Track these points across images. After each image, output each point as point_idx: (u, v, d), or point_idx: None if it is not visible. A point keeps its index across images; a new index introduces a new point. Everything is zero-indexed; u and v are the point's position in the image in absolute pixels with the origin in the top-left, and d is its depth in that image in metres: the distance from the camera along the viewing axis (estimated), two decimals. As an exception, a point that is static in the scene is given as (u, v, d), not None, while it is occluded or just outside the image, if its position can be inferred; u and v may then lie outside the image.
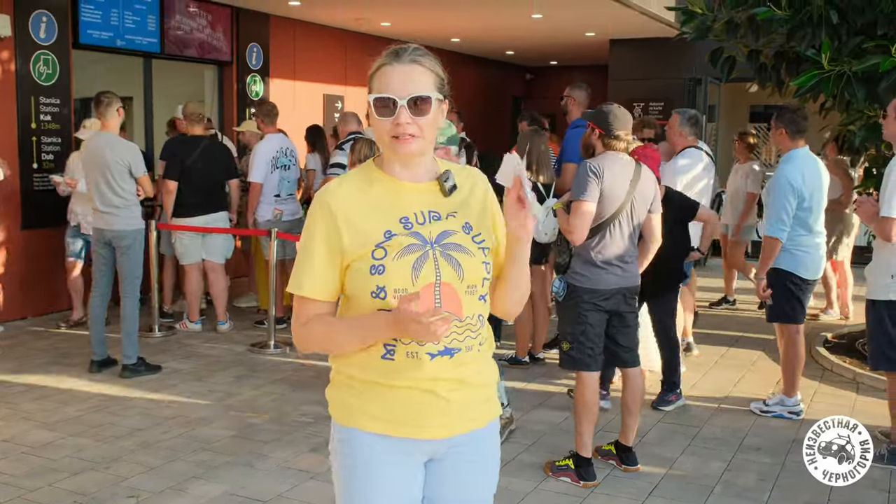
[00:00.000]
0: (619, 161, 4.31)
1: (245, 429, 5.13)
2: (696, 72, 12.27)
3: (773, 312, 5.44)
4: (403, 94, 1.99)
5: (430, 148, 2.11)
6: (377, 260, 2.00)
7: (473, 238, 2.10)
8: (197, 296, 7.64)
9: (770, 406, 5.54)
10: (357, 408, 2.10)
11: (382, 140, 2.05)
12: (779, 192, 5.20)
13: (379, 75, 2.04)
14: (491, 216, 2.19)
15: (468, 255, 2.06)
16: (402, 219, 2.05)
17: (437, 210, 2.09)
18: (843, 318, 8.38)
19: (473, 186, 2.19)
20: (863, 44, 5.85)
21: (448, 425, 2.11)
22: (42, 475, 4.40)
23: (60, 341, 7.22)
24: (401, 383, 2.05)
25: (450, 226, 2.08)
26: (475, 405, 2.15)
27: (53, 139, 8.14)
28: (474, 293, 2.08)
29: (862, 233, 9.07)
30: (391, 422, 2.08)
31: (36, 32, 7.88)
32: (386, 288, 2.00)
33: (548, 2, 9.79)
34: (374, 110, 2.02)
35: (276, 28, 10.90)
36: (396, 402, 2.07)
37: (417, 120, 2.00)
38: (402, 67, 2.02)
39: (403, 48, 2.05)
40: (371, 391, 2.08)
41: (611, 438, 4.76)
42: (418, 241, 2.02)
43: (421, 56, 2.06)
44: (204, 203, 7.39)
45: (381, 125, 2.02)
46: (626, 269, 4.34)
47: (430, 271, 2.01)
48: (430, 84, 2.04)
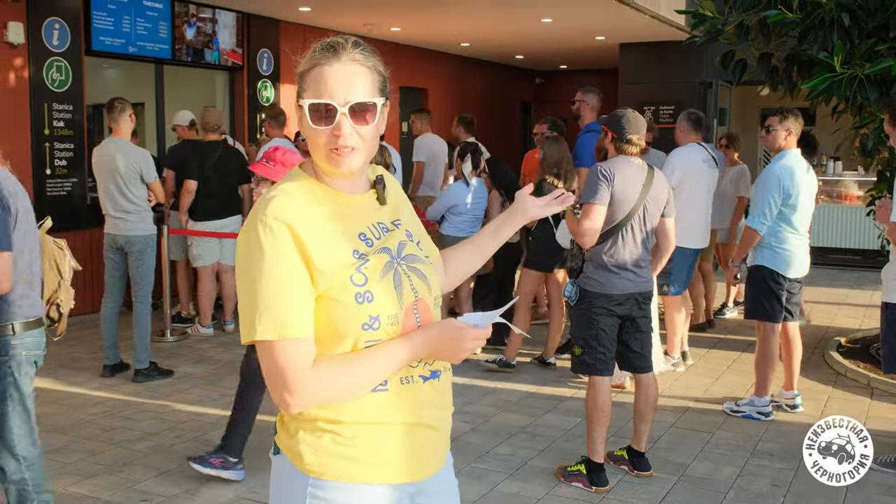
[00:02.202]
0: (632, 165, 4.30)
1: (257, 433, 5.12)
2: (707, 75, 12.25)
3: (751, 309, 5.51)
4: (344, 100, 1.71)
5: (370, 158, 1.82)
6: (359, 286, 1.72)
7: (419, 245, 1.90)
8: (210, 300, 7.67)
9: (740, 406, 5.56)
10: (344, 456, 1.76)
11: (318, 151, 1.75)
12: (765, 187, 5.28)
13: (314, 76, 1.73)
14: (414, 217, 1.99)
15: (425, 264, 1.88)
16: (360, 235, 1.79)
17: (382, 220, 1.85)
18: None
19: (391, 186, 1.94)
20: (875, 46, 5.83)
21: (441, 458, 1.90)
22: (56, 479, 4.41)
23: (72, 346, 7.25)
24: (395, 419, 1.78)
25: (401, 236, 1.86)
26: (450, 433, 1.96)
27: (66, 145, 8.18)
28: (438, 304, 1.90)
29: (875, 236, 9.02)
30: (385, 467, 1.78)
31: (49, 39, 7.93)
32: (380, 317, 1.73)
33: (558, 5, 9.79)
34: (309, 118, 1.73)
35: (286, 34, 10.93)
36: (392, 442, 1.78)
37: (359, 129, 1.73)
38: (341, 68, 1.72)
39: (340, 43, 1.75)
40: (363, 436, 1.76)
41: (623, 444, 4.75)
42: (388, 258, 1.80)
43: (362, 54, 1.76)
44: (220, 207, 7.52)
45: (316, 135, 1.73)
46: (640, 274, 4.33)
47: (409, 290, 1.80)
48: (374, 87, 1.76)
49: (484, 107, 15.33)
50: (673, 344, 6.61)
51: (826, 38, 5.92)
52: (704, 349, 7.24)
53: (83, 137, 8.33)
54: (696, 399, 5.91)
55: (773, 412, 5.50)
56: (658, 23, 10.69)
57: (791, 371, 5.65)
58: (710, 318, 8.14)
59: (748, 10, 6.43)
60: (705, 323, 7.98)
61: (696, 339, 7.34)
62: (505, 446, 4.96)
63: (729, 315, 8.64)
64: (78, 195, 8.31)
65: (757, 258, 5.39)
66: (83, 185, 8.33)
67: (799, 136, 5.43)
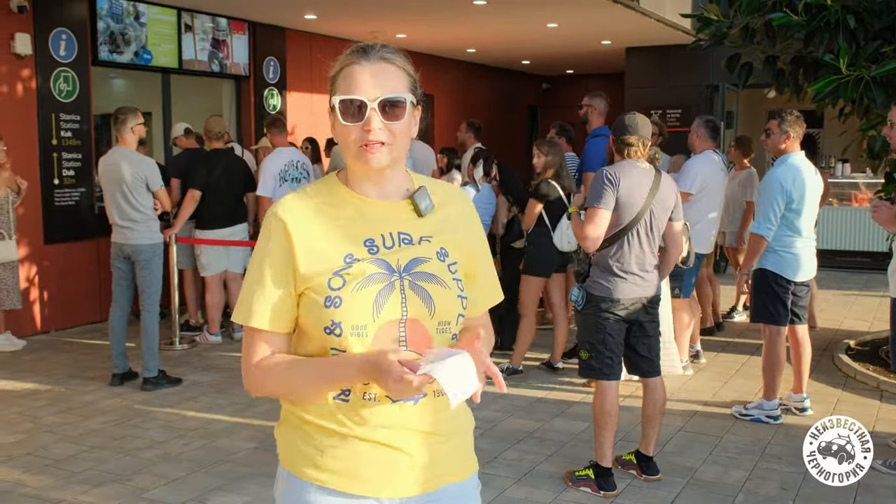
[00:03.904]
0: (637, 169, 4.30)
1: (266, 440, 5.14)
2: (714, 78, 12.23)
3: (757, 312, 5.51)
4: (373, 95, 1.73)
5: (403, 160, 1.83)
6: (333, 290, 1.71)
7: (449, 267, 1.81)
8: (218, 308, 7.70)
9: (749, 410, 5.54)
10: (309, 457, 1.80)
11: (348, 149, 1.77)
12: (768, 192, 5.27)
13: (344, 75, 1.77)
14: (470, 245, 1.89)
15: (442, 286, 1.78)
16: (367, 241, 1.77)
17: (409, 232, 1.81)
18: None
19: (454, 207, 1.90)
20: (881, 48, 5.81)
21: (414, 483, 1.80)
22: (65, 488, 4.43)
23: (82, 355, 7.27)
24: (357, 433, 1.75)
25: (423, 252, 1.79)
26: (447, 458, 1.84)
27: (74, 155, 8.22)
28: (447, 331, 1.79)
29: (884, 238, 8.98)
30: (347, 477, 1.77)
31: (56, 50, 7.98)
32: (342, 324, 1.71)
33: (563, 10, 9.80)
34: (340, 115, 1.75)
35: (292, 42, 10.97)
36: (354, 454, 1.76)
37: (390, 125, 1.74)
38: (371, 66, 1.75)
39: (371, 45, 1.79)
40: (326, 440, 1.77)
41: (631, 448, 4.73)
42: (383, 269, 1.74)
43: (391, 54, 1.78)
44: (229, 215, 7.57)
45: (347, 132, 1.75)
46: (646, 279, 4.32)
47: (396, 306, 1.73)
48: (404, 85, 1.77)
49: (490, 112, 15.33)
50: (681, 347, 6.60)
51: (832, 40, 5.90)
52: (713, 353, 7.22)
53: (90, 147, 8.38)
54: (704, 403, 5.89)
55: (781, 415, 5.48)
56: (664, 26, 10.69)
57: (800, 374, 5.63)
58: (718, 321, 8.12)
59: (753, 12, 6.41)
60: (714, 326, 7.97)
61: (705, 343, 7.32)
62: (513, 451, 4.96)
63: (738, 318, 8.61)
64: (85, 205, 8.35)
65: (761, 262, 5.37)
66: (91, 195, 8.37)
67: (802, 138, 5.40)
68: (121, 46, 8.65)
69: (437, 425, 1.81)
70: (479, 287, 1.93)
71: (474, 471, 1.94)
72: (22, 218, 7.60)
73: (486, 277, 1.95)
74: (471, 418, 1.96)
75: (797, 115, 5.39)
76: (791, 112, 5.39)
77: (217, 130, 7.58)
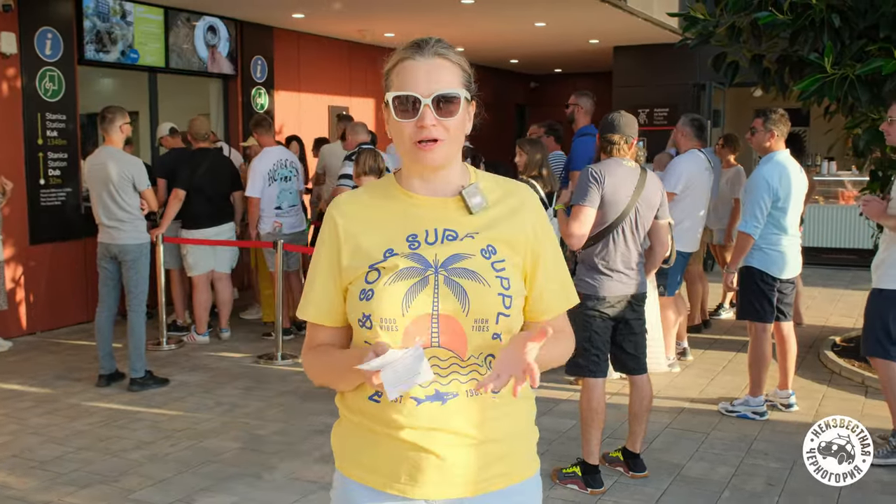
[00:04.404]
0: (623, 167, 4.31)
1: (253, 441, 5.14)
2: (701, 77, 12.27)
3: (743, 310, 5.54)
4: (428, 91, 1.72)
5: (458, 156, 1.83)
6: (369, 283, 1.74)
7: (494, 264, 1.76)
8: (206, 308, 7.67)
9: (735, 406, 5.57)
10: (349, 454, 1.86)
11: (403, 146, 1.77)
12: (755, 191, 5.30)
13: (398, 71, 1.75)
14: (527, 243, 1.83)
15: (481, 283, 1.73)
16: (410, 236, 1.77)
17: (455, 229, 1.79)
18: None
19: (512, 204, 1.85)
20: (865, 47, 5.84)
21: (445, 485, 1.76)
22: (51, 489, 4.41)
23: (68, 356, 7.24)
24: (387, 431, 1.76)
25: (465, 248, 1.77)
26: (484, 464, 1.78)
27: (60, 155, 8.18)
28: (485, 330, 1.74)
29: (869, 235, 9.03)
30: (380, 474, 1.80)
31: (42, 49, 7.94)
32: (372, 316, 1.73)
33: (551, 10, 9.82)
34: (394, 111, 1.74)
35: (280, 41, 10.95)
36: (385, 452, 1.78)
37: (444, 121, 1.73)
38: (425, 62, 1.74)
39: (425, 40, 1.77)
40: (362, 437, 1.81)
41: (618, 445, 4.75)
42: (419, 264, 1.74)
43: (446, 49, 1.77)
44: (215, 214, 7.55)
45: (401, 128, 1.74)
46: (632, 277, 4.33)
47: (427, 301, 1.72)
48: (458, 80, 1.77)
49: (479, 111, 15.32)
50: (668, 344, 6.62)
51: (817, 39, 5.93)
52: (700, 350, 7.25)
53: (76, 147, 8.34)
54: (691, 400, 5.91)
55: (767, 412, 5.51)
56: (651, 25, 10.72)
57: (786, 370, 5.66)
58: (705, 318, 8.15)
59: (739, 11, 6.43)
60: (701, 324, 8.00)
61: (692, 340, 7.35)
62: (501, 450, 4.95)
63: (724, 316, 8.65)
64: (72, 205, 8.32)
65: (747, 259, 5.41)
66: (77, 195, 8.33)
67: (787, 136, 5.44)
68: (107, 45, 8.61)
69: (476, 428, 1.76)
70: (540, 287, 1.86)
71: (527, 476, 1.86)
72: (7, 218, 7.56)
73: (549, 278, 1.87)
74: (528, 423, 1.89)
75: (782, 113, 5.43)
76: (776, 111, 5.43)
77: (202, 132, 7.57)
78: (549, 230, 1.89)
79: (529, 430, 1.90)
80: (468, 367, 1.74)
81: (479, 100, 1.88)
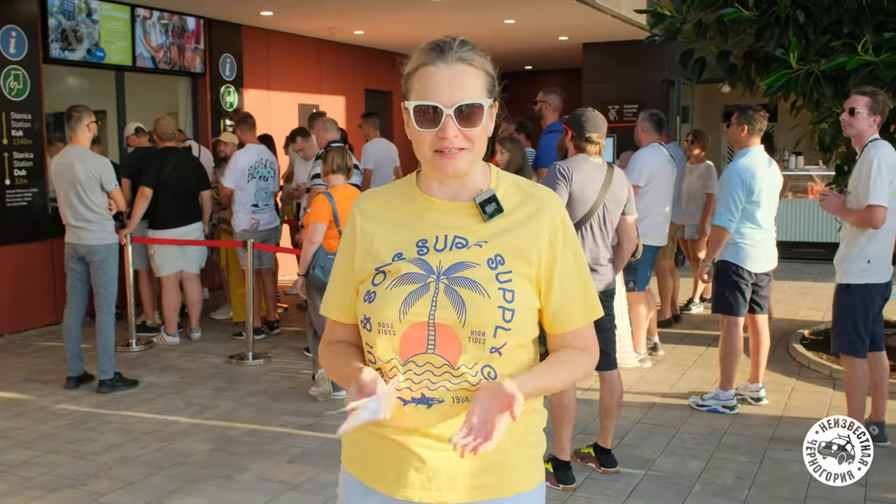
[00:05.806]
0: (590, 164, 4.32)
1: (223, 441, 5.11)
2: (670, 73, 12.36)
3: (717, 303, 5.59)
4: (450, 101, 1.66)
5: (479, 162, 1.77)
6: (374, 286, 1.74)
7: (498, 276, 1.71)
8: (175, 308, 7.60)
9: (705, 400, 5.62)
10: (348, 449, 1.90)
11: (423, 153, 1.72)
12: (729, 185, 5.35)
13: (419, 76, 1.69)
14: (541, 253, 1.76)
15: (480, 294, 1.68)
16: (420, 241, 1.75)
17: (466, 236, 1.74)
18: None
19: (531, 211, 1.78)
20: (830, 43, 5.91)
21: (428, 489, 1.75)
22: (18, 493, 4.36)
23: (36, 358, 7.15)
24: (378, 431, 1.77)
25: (471, 257, 1.72)
26: (472, 472, 1.75)
27: (25, 154, 8.08)
28: (481, 342, 1.69)
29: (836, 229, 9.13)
30: (370, 472, 1.82)
31: (6, 48, 7.83)
32: (371, 320, 1.73)
33: (520, 7, 9.83)
34: (414, 120, 1.69)
35: (248, 39, 10.87)
36: (373, 450, 1.80)
37: (466, 132, 1.68)
38: (447, 69, 1.67)
39: (447, 42, 1.70)
40: (360, 433, 1.75)
41: (589, 441, 4.77)
42: (421, 269, 1.71)
43: (469, 53, 1.71)
44: (182, 214, 7.46)
45: (421, 137, 1.69)
46: (601, 273, 4.35)
47: (425, 308, 1.69)
48: (481, 88, 1.71)
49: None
50: (638, 339, 6.67)
51: (782, 35, 6.00)
52: (671, 344, 7.31)
53: (42, 147, 8.23)
54: (662, 394, 5.96)
55: (737, 405, 5.56)
56: (620, 22, 10.77)
57: (758, 364, 5.71)
58: (676, 313, 8.21)
59: (706, 8, 6.49)
60: (672, 318, 8.05)
61: (663, 335, 7.40)
62: (473, 447, 4.96)
63: (695, 310, 8.71)
64: (38, 205, 8.21)
65: (722, 253, 5.46)
66: (44, 195, 8.23)
67: (762, 131, 5.47)
68: (73, 44, 8.51)
69: (443, 432, 1.73)
70: (556, 300, 1.78)
71: (524, 489, 1.81)
72: (-28, 220, 7.46)
73: (567, 291, 1.79)
74: (529, 433, 1.83)
75: (759, 109, 5.47)
76: (753, 107, 5.48)
77: (168, 131, 7.50)
78: (571, 239, 1.81)
79: (531, 441, 1.84)
80: (459, 378, 1.70)
81: (502, 101, 1.81)
